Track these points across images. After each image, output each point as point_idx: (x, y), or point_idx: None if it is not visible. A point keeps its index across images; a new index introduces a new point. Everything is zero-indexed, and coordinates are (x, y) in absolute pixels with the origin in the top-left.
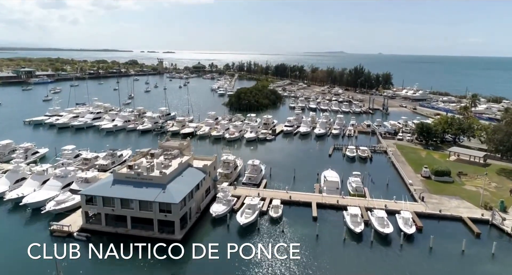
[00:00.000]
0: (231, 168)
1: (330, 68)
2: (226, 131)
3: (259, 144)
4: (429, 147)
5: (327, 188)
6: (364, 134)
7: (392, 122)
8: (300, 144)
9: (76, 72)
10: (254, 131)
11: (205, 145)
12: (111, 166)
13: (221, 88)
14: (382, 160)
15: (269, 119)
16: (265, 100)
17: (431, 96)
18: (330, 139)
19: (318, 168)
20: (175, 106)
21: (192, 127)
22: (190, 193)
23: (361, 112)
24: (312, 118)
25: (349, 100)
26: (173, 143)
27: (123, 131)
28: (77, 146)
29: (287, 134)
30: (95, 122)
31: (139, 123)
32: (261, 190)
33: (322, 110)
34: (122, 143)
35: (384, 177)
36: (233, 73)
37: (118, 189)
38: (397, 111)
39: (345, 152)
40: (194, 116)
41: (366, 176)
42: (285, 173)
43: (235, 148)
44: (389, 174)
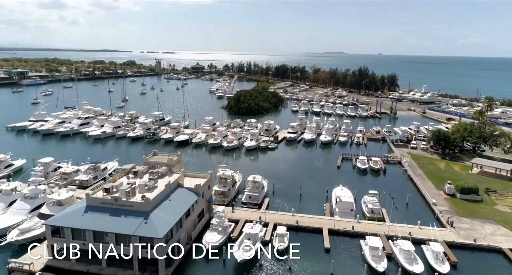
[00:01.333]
0: (228, 185)
1: (332, 69)
2: (224, 139)
3: (260, 153)
4: (446, 157)
5: (339, 210)
6: (373, 141)
7: (403, 128)
8: (304, 153)
9: (70, 73)
10: (255, 138)
11: (201, 154)
12: (92, 182)
13: (219, 90)
14: (397, 172)
15: (271, 125)
16: (265, 103)
17: (439, 98)
18: (337, 147)
19: (327, 182)
20: (170, 109)
21: (187, 134)
22: (178, 221)
23: (368, 116)
24: (317, 124)
25: (354, 103)
26: (161, 158)
27: (112, 138)
28: (60, 156)
29: (290, 142)
30: (83, 128)
31: (130, 130)
32: (263, 212)
33: (327, 114)
34: (110, 152)
35: (402, 195)
36: (232, 74)
37: (91, 218)
38: (405, 115)
39: (355, 163)
40: (190, 121)
41: (384, 195)
42: (290, 190)
43: (233, 157)
44: (407, 191)
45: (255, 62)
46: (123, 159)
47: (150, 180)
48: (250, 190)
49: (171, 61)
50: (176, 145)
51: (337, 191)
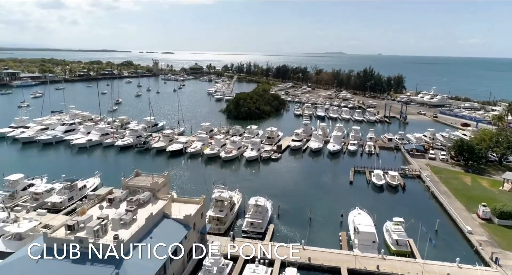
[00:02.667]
0: (225, 209)
1: (335, 70)
2: (222, 148)
3: (262, 164)
4: (470, 169)
5: (359, 242)
6: (385, 150)
7: (417, 135)
8: (311, 164)
9: (64, 74)
10: (256, 148)
11: (196, 166)
12: (67, 204)
13: (218, 92)
14: (418, 189)
15: (274, 132)
16: (267, 106)
17: (450, 101)
18: (346, 158)
19: (340, 203)
20: (165, 114)
21: (181, 143)
22: (162, 267)
23: (376, 121)
24: (323, 130)
25: (360, 105)
26: (144, 181)
27: (99, 147)
28: (37, 168)
29: (295, 151)
30: (67, 135)
31: (119, 137)
32: (267, 243)
33: (332, 119)
34: (94, 164)
35: (429, 218)
36: (232, 75)
37: (47, 266)
38: (415, 120)
39: (369, 177)
40: (185, 127)
41: (408, 218)
42: (297, 213)
43: (232, 169)
44: (433, 213)
45: (255, 62)
46: (108, 173)
47: (128, 212)
48: (252, 216)
49: (170, 62)
50: (169, 155)
51: (354, 216)
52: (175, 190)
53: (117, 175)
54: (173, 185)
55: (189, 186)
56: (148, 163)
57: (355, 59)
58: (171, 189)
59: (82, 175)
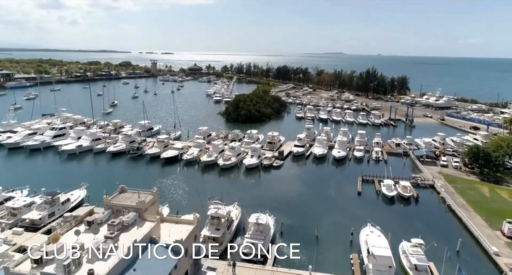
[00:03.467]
0: (222, 228)
1: (337, 71)
2: (220, 155)
3: (262, 172)
4: (486, 178)
5: (374, 267)
6: (394, 156)
7: (426, 140)
8: (315, 172)
9: (61, 75)
10: (256, 155)
11: (192, 175)
12: (47, 221)
13: (217, 94)
14: (432, 201)
15: (275, 137)
16: (267, 109)
17: (456, 103)
18: (352, 165)
19: (349, 218)
20: (162, 117)
21: (176, 149)
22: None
23: (382, 124)
24: (327, 134)
25: (363, 108)
26: (130, 198)
27: (89, 154)
28: (21, 178)
29: (297, 157)
30: (56, 141)
31: (111, 143)
32: (270, 269)
33: (335, 122)
34: (82, 173)
35: (449, 237)
36: (231, 76)
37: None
38: (422, 123)
39: (379, 187)
40: (182, 131)
41: (426, 237)
42: (302, 229)
43: (231, 178)
44: (451, 230)
45: (255, 63)
46: (97, 183)
47: (107, 240)
48: (253, 236)
49: (170, 62)
50: (164, 163)
51: (366, 235)
52: (167, 203)
53: (106, 186)
54: (166, 197)
55: (184, 198)
56: (141, 171)
57: (355, 59)
58: (163, 203)
59: (68, 186)
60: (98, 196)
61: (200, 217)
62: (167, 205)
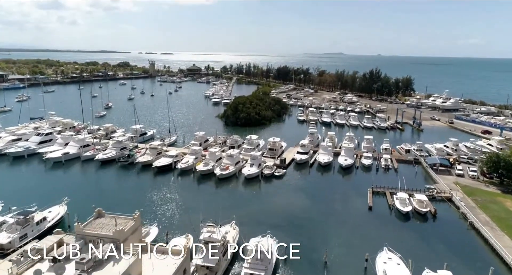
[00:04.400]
0: (217, 254)
1: (339, 71)
2: (218, 163)
3: (263, 182)
4: (506, 189)
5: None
6: (404, 163)
7: (437, 146)
8: (321, 183)
9: (56, 76)
10: (256, 163)
11: (186, 185)
12: (17, 245)
13: (216, 95)
14: (452, 217)
15: (276, 143)
16: (267, 111)
17: (464, 105)
18: (360, 174)
19: (361, 238)
20: (158, 120)
21: (170, 157)
22: None
23: (388, 127)
24: (331, 140)
25: (368, 110)
26: (105, 226)
27: (76, 162)
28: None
29: (301, 165)
30: (42, 147)
31: (101, 149)
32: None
33: (339, 125)
34: (68, 184)
35: (477, 263)
36: (230, 76)
37: None
38: (430, 126)
39: (392, 201)
40: (178, 136)
41: (451, 264)
42: (309, 254)
43: (229, 189)
44: (480, 255)
45: (255, 63)
46: (80, 197)
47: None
48: (252, 265)
49: (169, 62)
50: (156, 171)
51: (383, 263)
52: (156, 222)
53: (91, 200)
54: (156, 214)
55: (176, 215)
56: (131, 182)
57: (355, 60)
58: (152, 222)
59: (48, 200)
60: (81, 213)
61: (192, 240)
62: (156, 224)
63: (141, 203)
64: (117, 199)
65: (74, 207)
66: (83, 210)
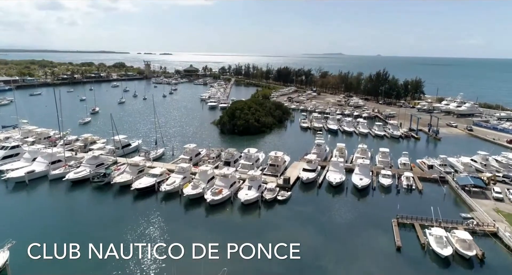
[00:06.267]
0: None
1: (342, 72)
2: (209, 184)
3: (264, 209)
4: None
5: None
6: (427, 182)
7: (464, 160)
8: (332, 209)
9: (45, 77)
10: (256, 185)
11: (170, 214)
12: None
13: (212, 99)
14: (504, 263)
15: (278, 158)
16: (268, 118)
17: (481, 110)
18: (378, 196)
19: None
20: (148, 128)
21: (154, 176)
22: None
23: (402, 136)
24: (341, 153)
25: (376, 115)
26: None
27: (43, 182)
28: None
29: (307, 185)
30: (5, 164)
31: (74, 166)
32: None
33: (346, 133)
34: (27, 213)
35: None
36: (229, 78)
37: None
38: (447, 134)
39: (424, 239)
40: (166, 148)
41: None
42: None
43: (221, 219)
44: None
45: (254, 64)
46: (32, 237)
47: None
48: None
49: (167, 63)
50: (136, 195)
51: None
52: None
53: (48, 237)
54: (125, 261)
55: (148, 262)
56: (104, 210)
57: (355, 60)
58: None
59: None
60: (28, 263)
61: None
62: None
63: (110, 239)
64: (82, 236)
65: (21, 252)
66: (31, 258)
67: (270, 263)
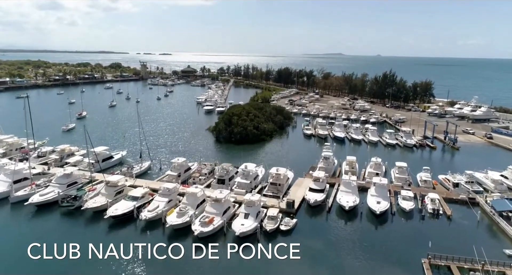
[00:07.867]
0: None
1: (346, 74)
2: (199, 211)
3: (263, 243)
4: None
5: None
6: (455, 204)
7: (493, 177)
8: (347, 242)
9: (36, 79)
10: (254, 212)
11: (150, 251)
12: None
13: (209, 102)
14: None
15: (281, 175)
16: (268, 124)
17: (497, 114)
18: (400, 223)
19: None
20: (136, 137)
21: (134, 199)
22: None
23: (416, 145)
24: (351, 167)
25: (385, 120)
26: None
27: (4, 204)
28: None
29: (314, 209)
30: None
31: (42, 185)
32: None
33: (354, 141)
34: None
35: None
36: (227, 79)
37: None
38: (465, 142)
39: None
40: (152, 162)
41: None
42: None
43: (212, 258)
44: None
45: (254, 64)
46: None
47: None
48: None
49: (166, 63)
50: (111, 223)
51: None
52: None
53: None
54: None
55: None
56: (73, 240)
57: (355, 60)
58: None
59: None
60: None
61: None
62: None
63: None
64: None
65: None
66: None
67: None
